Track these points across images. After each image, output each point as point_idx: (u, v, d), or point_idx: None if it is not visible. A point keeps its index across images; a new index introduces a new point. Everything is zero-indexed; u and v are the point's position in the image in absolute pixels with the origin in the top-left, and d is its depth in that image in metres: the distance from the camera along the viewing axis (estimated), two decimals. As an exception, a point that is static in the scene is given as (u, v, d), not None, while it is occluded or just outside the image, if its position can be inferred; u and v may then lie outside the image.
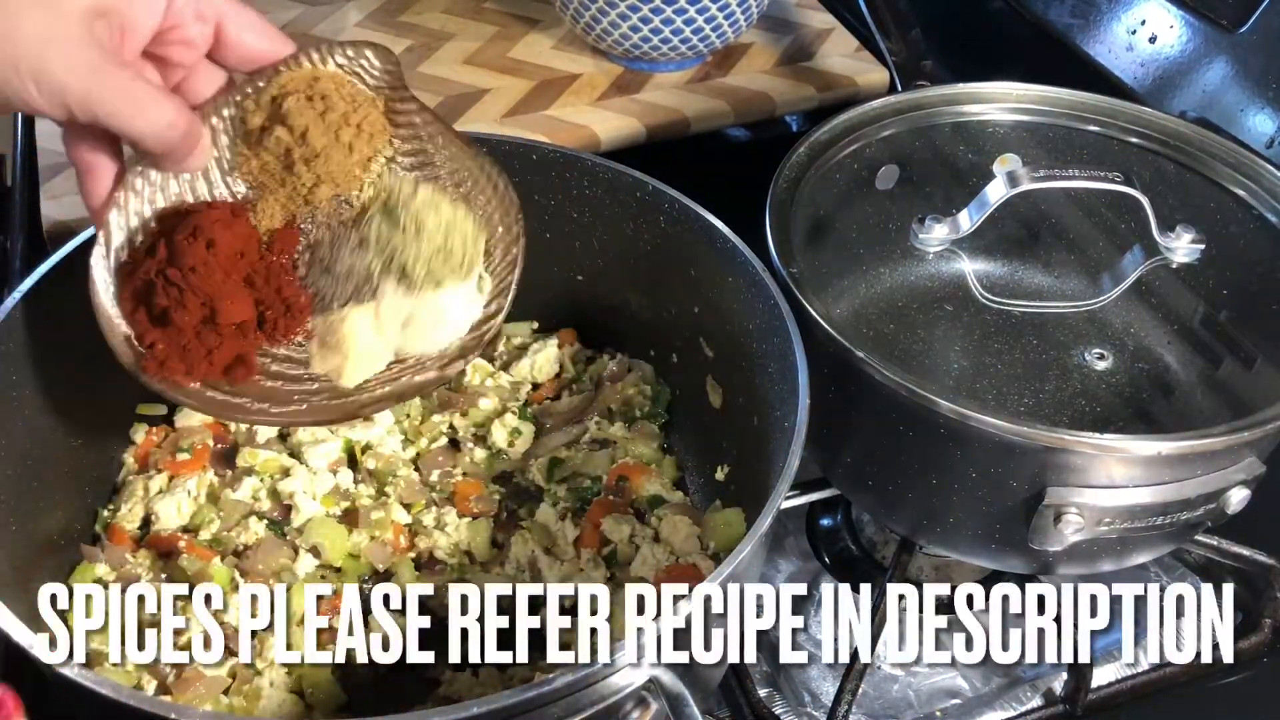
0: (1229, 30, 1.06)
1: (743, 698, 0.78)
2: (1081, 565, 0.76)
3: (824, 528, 0.92)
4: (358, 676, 0.73)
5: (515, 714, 0.53)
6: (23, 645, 0.55)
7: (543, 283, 0.92)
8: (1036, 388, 0.74)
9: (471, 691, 0.71)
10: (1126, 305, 0.80)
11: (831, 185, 0.85)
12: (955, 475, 0.72)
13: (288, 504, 0.80)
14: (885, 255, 0.81)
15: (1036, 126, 0.92)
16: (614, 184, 0.83)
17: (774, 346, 0.72)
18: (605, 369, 0.91)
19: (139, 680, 0.68)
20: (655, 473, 0.84)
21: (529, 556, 0.79)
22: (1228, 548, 0.85)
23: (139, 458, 0.83)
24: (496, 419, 0.88)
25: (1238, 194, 0.86)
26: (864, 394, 0.72)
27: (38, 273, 0.72)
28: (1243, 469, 0.70)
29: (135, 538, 0.78)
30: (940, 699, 0.81)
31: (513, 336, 0.94)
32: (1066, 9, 1.22)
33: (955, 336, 0.77)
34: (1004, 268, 0.82)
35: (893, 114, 0.91)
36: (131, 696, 0.53)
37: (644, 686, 0.57)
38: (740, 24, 1.22)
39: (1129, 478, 0.69)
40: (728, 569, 0.58)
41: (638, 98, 1.22)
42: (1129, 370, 0.76)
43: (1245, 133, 1.03)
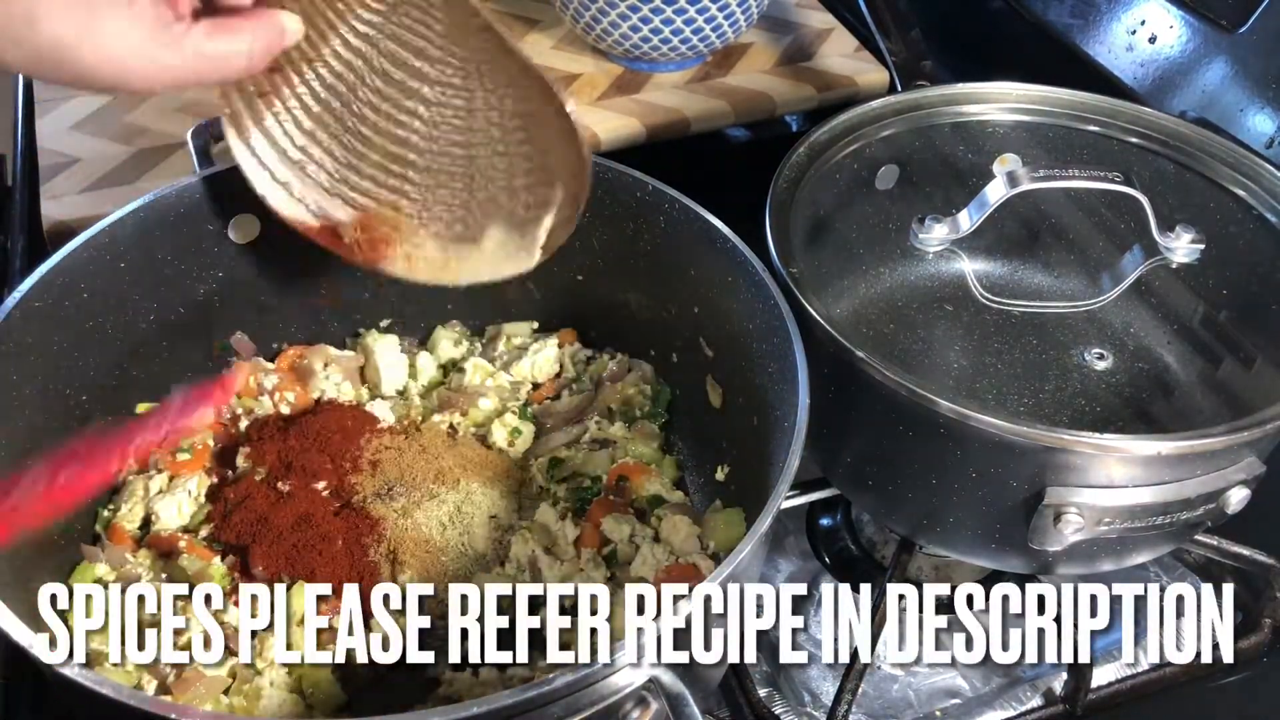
0: (1229, 30, 1.06)
1: (743, 698, 0.79)
2: (1081, 565, 0.76)
3: (824, 528, 0.92)
4: (358, 676, 0.73)
5: (515, 714, 0.53)
6: (23, 645, 0.55)
7: (543, 282, 0.92)
8: (1036, 388, 0.74)
9: (471, 691, 0.71)
10: (1126, 305, 0.80)
11: (831, 185, 0.85)
12: (955, 475, 0.72)
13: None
14: (885, 255, 0.81)
15: (1036, 126, 0.92)
16: (614, 184, 0.83)
17: (774, 346, 0.72)
18: (605, 369, 0.91)
19: (139, 680, 0.68)
20: (655, 473, 0.84)
21: (529, 556, 0.79)
22: (1228, 548, 0.85)
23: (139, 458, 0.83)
24: (496, 419, 0.88)
25: (1238, 194, 0.86)
26: (864, 394, 0.72)
27: (38, 273, 0.72)
28: (1243, 469, 0.70)
29: (135, 538, 0.78)
30: (940, 699, 0.81)
31: (513, 336, 0.94)
32: (1066, 9, 1.22)
33: (955, 336, 0.77)
34: (1004, 268, 0.82)
35: (893, 114, 0.91)
36: (131, 696, 0.53)
37: (644, 686, 0.57)
38: (740, 24, 1.21)
39: (1129, 478, 0.69)
40: (728, 569, 0.58)
41: (638, 98, 1.22)
42: (1129, 370, 0.76)
43: (1245, 133, 1.03)
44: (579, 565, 0.79)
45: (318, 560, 0.74)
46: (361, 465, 0.81)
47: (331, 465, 0.81)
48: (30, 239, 1.02)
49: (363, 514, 0.78)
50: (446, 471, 0.82)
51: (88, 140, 1.11)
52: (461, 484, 0.82)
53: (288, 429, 0.83)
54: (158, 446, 0.80)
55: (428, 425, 0.87)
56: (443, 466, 0.83)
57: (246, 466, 0.81)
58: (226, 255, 0.84)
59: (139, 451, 0.74)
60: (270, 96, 0.72)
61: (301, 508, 0.77)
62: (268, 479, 0.80)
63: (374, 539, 0.77)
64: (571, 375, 0.93)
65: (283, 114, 0.73)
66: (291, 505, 0.77)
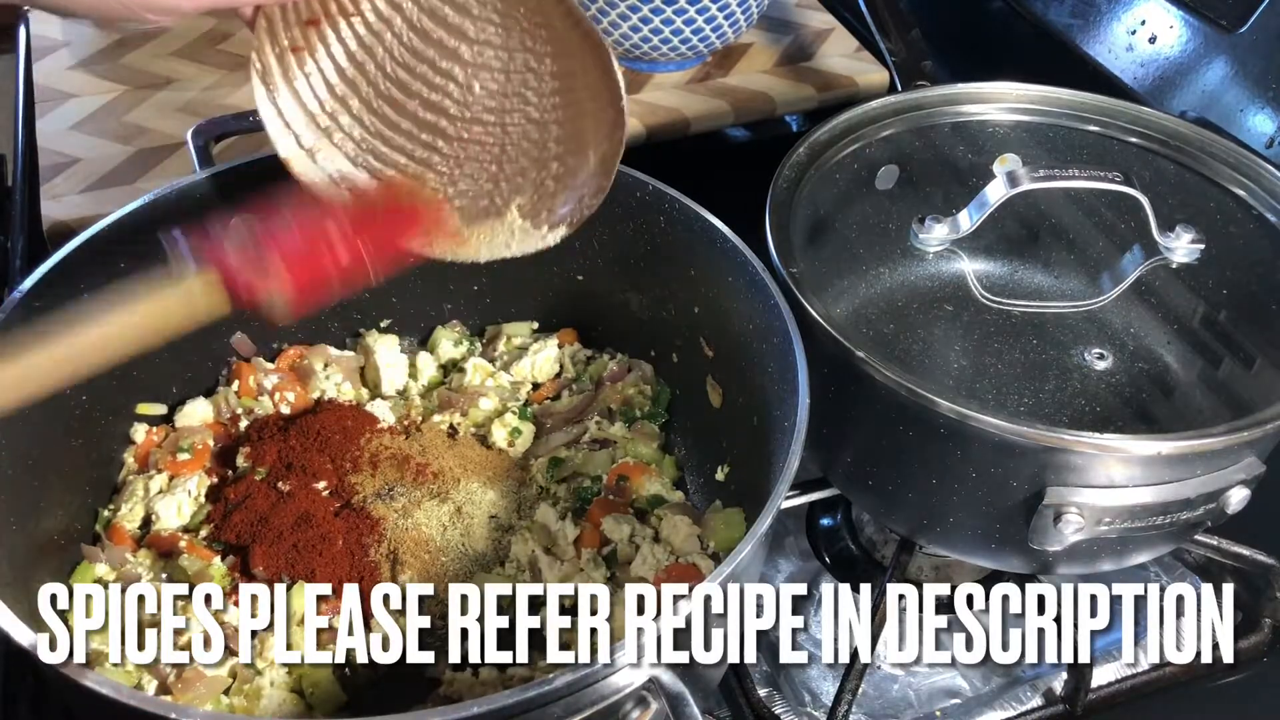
0: (1229, 30, 1.06)
1: (743, 698, 0.78)
2: (1081, 565, 0.76)
3: (824, 528, 0.92)
4: (358, 676, 0.73)
5: (515, 714, 0.53)
6: (23, 645, 0.55)
7: (543, 283, 0.92)
8: (1036, 388, 0.74)
9: (471, 691, 0.71)
10: (1126, 305, 0.79)
11: (831, 185, 0.85)
12: (955, 475, 0.72)
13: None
14: (885, 255, 0.81)
15: (1036, 126, 0.92)
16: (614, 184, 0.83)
17: (774, 346, 0.72)
18: (605, 369, 0.91)
19: (139, 680, 0.68)
20: (655, 473, 0.84)
21: (529, 556, 0.79)
22: (1228, 548, 0.85)
23: (139, 458, 0.83)
24: (496, 419, 0.88)
25: (1237, 194, 0.86)
26: (864, 394, 0.72)
27: (38, 273, 0.72)
28: (1243, 469, 0.70)
29: (135, 538, 0.78)
30: (940, 699, 0.81)
31: (513, 336, 0.94)
32: (1066, 9, 1.22)
33: (955, 336, 0.77)
34: (1004, 268, 0.82)
35: (893, 114, 0.91)
36: (131, 696, 0.53)
37: (644, 686, 0.57)
38: (740, 24, 1.22)
39: (1129, 478, 0.69)
40: (728, 569, 0.58)
41: (638, 98, 1.22)
42: (1129, 370, 0.75)
43: (1245, 133, 1.03)
44: (579, 565, 0.79)
45: (318, 560, 0.74)
46: (361, 465, 0.81)
47: (331, 465, 0.81)
48: (30, 239, 1.02)
49: (363, 514, 0.78)
50: (446, 471, 0.82)
51: (88, 140, 1.11)
52: (461, 484, 0.82)
53: (288, 429, 0.83)
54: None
55: (428, 425, 0.87)
56: (443, 466, 0.83)
57: (246, 466, 0.81)
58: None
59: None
60: (303, 53, 0.71)
61: (301, 508, 0.77)
62: (268, 479, 0.80)
63: (374, 539, 0.77)
64: (571, 375, 0.93)
65: (314, 74, 0.72)
66: (291, 505, 0.77)
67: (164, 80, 1.20)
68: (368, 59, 0.72)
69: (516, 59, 0.71)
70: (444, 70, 0.72)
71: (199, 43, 1.26)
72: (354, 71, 0.72)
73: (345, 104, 0.73)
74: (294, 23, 0.70)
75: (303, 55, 0.71)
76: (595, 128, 0.69)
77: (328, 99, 0.73)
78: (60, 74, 1.20)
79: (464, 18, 0.70)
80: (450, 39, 0.71)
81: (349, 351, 0.93)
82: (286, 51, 0.71)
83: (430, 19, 0.71)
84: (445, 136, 0.74)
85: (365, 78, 0.73)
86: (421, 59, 0.72)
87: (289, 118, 0.73)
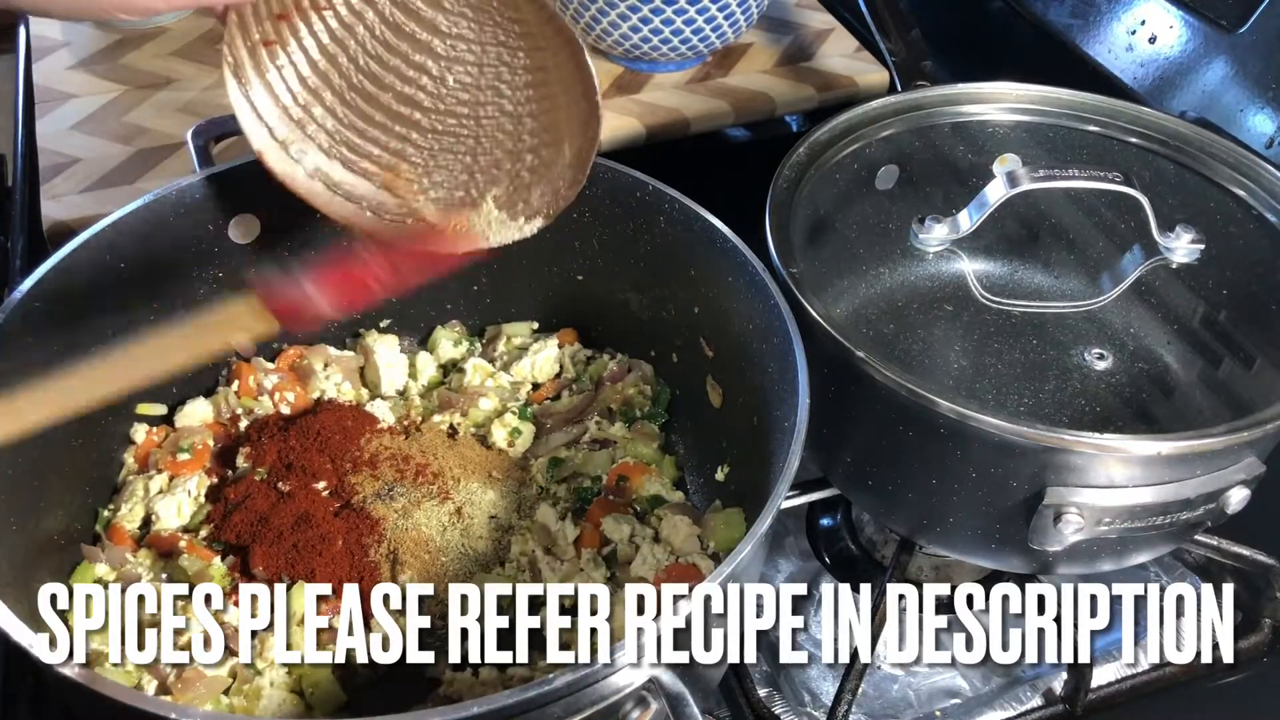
0: (1228, 30, 1.06)
1: (743, 698, 0.78)
2: (1081, 565, 0.76)
3: (824, 528, 0.92)
4: (358, 676, 0.73)
5: (515, 714, 0.53)
6: (23, 645, 0.55)
7: (543, 283, 0.92)
8: (1036, 388, 0.74)
9: (471, 691, 0.71)
10: (1126, 305, 0.79)
11: (831, 185, 0.85)
12: (955, 475, 0.72)
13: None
14: (885, 255, 0.81)
15: (1036, 126, 0.92)
16: (614, 184, 0.83)
17: (774, 346, 0.72)
18: (605, 369, 0.91)
19: (139, 680, 0.68)
20: (655, 473, 0.84)
21: (529, 556, 0.79)
22: (1228, 548, 0.85)
23: (139, 458, 0.83)
24: (496, 419, 0.88)
25: (1237, 194, 0.86)
26: (864, 394, 0.72)
27: (38, 273, 0.72)
28: (1243, 469, 0.70)
29: (135, 538, 0.78)
30: (940, 699, 0.81)
31: (513, 336, 0.94)
32: (1066, 9, 1.22)
33: (955, 336, 0.77)
34: (1004, 268, 0.82)
35: (893, 114, 0.91)
36: (131, 696, 0.53)
37: (644, 686, 0.57)
38: (740, 24, 1.22)
39: (1129, 478, 0.69)
40: (728, 569, 0.58)
41: (638, 98, 1.22)
42: (1129, 370, 0.75)
43: (1245, 133, 1.03)
44: (579, 565, 0.79)
45: (318, 560, 0.74)
46: (361, 465, 0.81)
47: (331, 465, 0.81)
48: (30, 239, 1.02)
49: (363, 514, 0.78)
50: (446, 472, 0.82)
51: (88, 140, 1.11)
52: (461, 484, 0.82)
53: (288, 429, 0.83)
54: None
55: (428, 425, 0.87)
56: (443, 467, 0.83)
57: (246, 466, 0.81)
58: (226, 255, 0.84)
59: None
60: (275, 46, 0.71)
61: (301, 508, 0.77)
62: (268, 479, 0.80)
63: (374, 539, 0.77)
64: (571, 375, 0.93)
65: (286, 67, 0.72)
66: (291, 505, 0.77)
67: (164, 80, 1.20)
68: (340, 52, 0.72)
69: (490, 53, 0.71)
70: (417, 63, 0.72)
71: (199, 43, 1.26)
72: (326, 64, 0.73)
73: (318, 96, 0.73)
74: (265, 16, 0.70)
75: (274, 49, 0.71)
76: (570, 121, 0.69)
77: (300, 91, 0.73)
78: (60, 74, 1.20)
79: (436, 12, 0.70)
80: (423, 32, 0.71)
81: (349, 351, 0.93)
82: (258, 45, 0.71)
83: (403, 12, 0.71)
84: (419, 129, 0.74)
85: (338, 70, 0.73)
86: (394, 52, 0.72)
87: (262, 111, 0.73)
